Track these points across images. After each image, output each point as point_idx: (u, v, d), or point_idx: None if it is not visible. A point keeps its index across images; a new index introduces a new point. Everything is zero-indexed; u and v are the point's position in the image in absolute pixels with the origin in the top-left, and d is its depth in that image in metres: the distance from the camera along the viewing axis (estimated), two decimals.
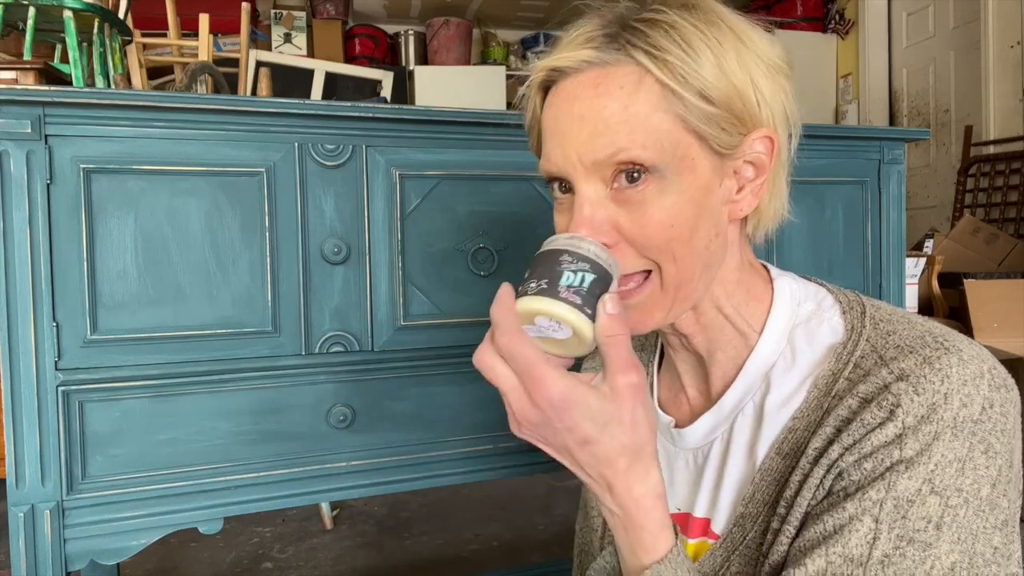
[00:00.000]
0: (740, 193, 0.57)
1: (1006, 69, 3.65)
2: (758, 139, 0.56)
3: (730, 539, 0.59)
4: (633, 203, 0.53)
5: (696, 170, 0.54)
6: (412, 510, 2.31)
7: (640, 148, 0.52)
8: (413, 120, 0.97)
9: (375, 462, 0.98)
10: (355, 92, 4.21)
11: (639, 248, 0.54)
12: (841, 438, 0.51)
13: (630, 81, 0.53)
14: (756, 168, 0.57)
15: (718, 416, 0.61)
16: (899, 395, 0.49)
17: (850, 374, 0.54)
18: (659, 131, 0.52)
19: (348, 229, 0.96)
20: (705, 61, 0.52)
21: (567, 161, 0.54)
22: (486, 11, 5.30)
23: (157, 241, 0.88)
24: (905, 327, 0.55)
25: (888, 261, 1.24)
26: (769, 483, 0.56)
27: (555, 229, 0.60)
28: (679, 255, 0.54)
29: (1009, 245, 3.20)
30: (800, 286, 0.63)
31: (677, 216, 0.54)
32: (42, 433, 0.84)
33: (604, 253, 0.51)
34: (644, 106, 0.52)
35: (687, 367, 0.66)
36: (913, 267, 2.36)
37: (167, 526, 0.90)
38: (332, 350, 0.96)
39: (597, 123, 0.52)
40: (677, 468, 0.66)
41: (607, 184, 0.54)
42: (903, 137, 1.24)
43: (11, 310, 0.83)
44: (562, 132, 0.55)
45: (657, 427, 0.53)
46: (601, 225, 0.54)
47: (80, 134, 0.85)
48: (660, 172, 0.53)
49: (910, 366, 0.51)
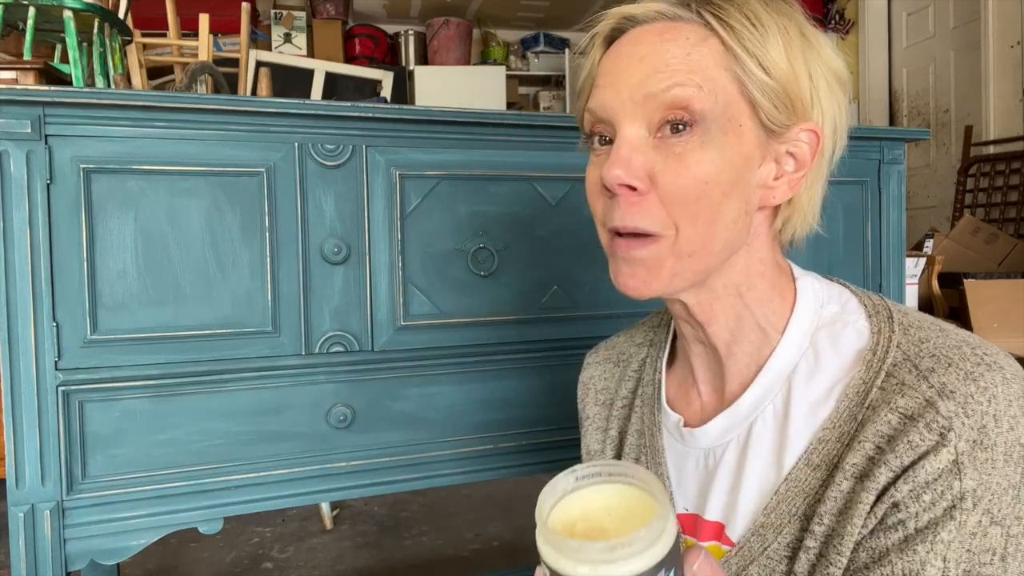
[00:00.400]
0: (777, 181, 0.57)
1: (1006, 69, 3.65)
2: (805, 131, 0.56)
3: (748, 548, 0.57)
4: (673, 152, 0.53)
5: (742, 136, 0.54)
6: (412, 510, 2.31)
7: (696, 88, 0.52)
8: (413, 120, 0.97)
9: (375, 462, 0.98)
10: (355, 92, 4.21)
11: (666, 201, 0.53)
12: (888, 460, 0.49)
13: (696, 36, 0.54)
14: (797, 161, 0.57)
15: (734, 417, 0.59)
16: (950, 418, 0.48)
17: (883, 383, 0.52)
18: (716, 82, 0.53)
19: (348, 229, 0.96)
20: (771, 40, 0.53)
21: (616, 99, 0.54)
22: (486, 11, 5.30)
23: (157, 241, 0.88)
24: (938, 335, 0.54)
25: (888, 261, 1.24)
26: (796, 494, 0.55)
27: (586, 186, 0.59)
28: (703, 218, 0.53)
29: (1009, 245, 3.21)
30: (823, 287, 0.61)
31: (714, 174, 0.53)
32: (42, 433, 0.84)
33: (655, 525, 0.37)
34: (707, 58, 0.53)
35: (701, 362, 0.64)
36: (913, 267, 2.36)
37: (167, 526, 0.90)
38: (332, 350, 0.96)
39: (657, 63, 0.53)
40: (686, 468, 0.64)
41: (651, 131, 0.54)
42: (903, 137, 1.24)
43: (11, 310, 0.83)
44: (619, 72, 0.55)
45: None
46: (637, 169, 0.53)
47: (80, 134, 0.85)
48: (707, 125, 0.53)
49: (952, 381, 0.49)
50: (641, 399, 0.71)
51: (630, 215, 0.54)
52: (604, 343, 0.80)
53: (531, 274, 1.05)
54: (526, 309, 1.05)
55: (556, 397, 1.08)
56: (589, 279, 1.08)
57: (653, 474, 0.46)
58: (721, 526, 0.60)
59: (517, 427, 1.06)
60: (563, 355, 1.08)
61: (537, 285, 1.06)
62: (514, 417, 1.06)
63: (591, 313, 1.08)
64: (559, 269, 1.06)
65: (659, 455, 0.66)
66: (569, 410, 1.09)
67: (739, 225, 0.56)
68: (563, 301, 1.07)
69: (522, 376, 1.06)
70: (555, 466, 1.09)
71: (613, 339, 0.79)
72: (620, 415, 0.73)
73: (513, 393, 1.06)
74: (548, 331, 1.06)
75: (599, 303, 1.09)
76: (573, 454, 1.09)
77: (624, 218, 0.54)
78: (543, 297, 1.06)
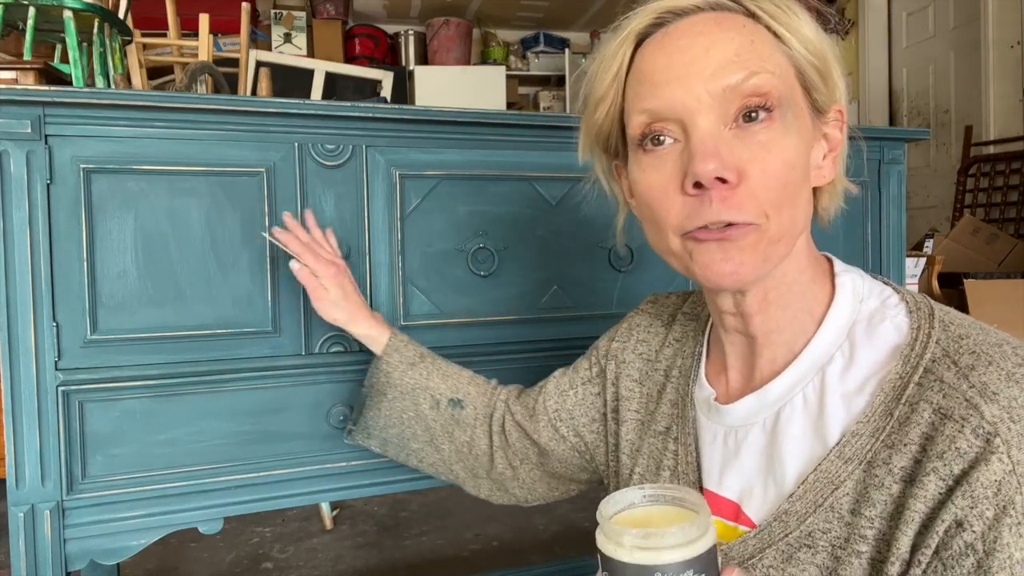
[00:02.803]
0: (824, 160, 0.59)
1: (1006, 69, 3.65)
2: (834, 111, 0.58)
3: (768, 532, 0.56)
4: (758, 140, 0.52)
5: (804, 119, 0.55)
6: (412, 510, 2.31)
7: (770, 74, 0.52)
8: (413, 120, 0.97)
9: (375, 462, 0.98)
10: (355, 92, 4.21)
11: (757, 190, 0.52)
12: (936, 467, 0.48)
13: (749, 24, 0.55)
14: (830, 141, 0.59)
15: (762, 400, 0.59)
16: (995, 423, 0.47)
17: (921, 379, 0.52)
18: (782, 67, 0.54)
19: (348, 229, 0.96)
20: (804, 21, 0.55)
21: (688, 95, 0.52)
22: (486, 11, 5.30)
23: (157, 241, 0.88)
24: (978, 332, 0.53)
25: (888, 261, 1.24)
26: (824, 485, 0.54)
27: (645, 192, 0.56)
28: (788, 203, 0.53)
29: (1009, 245, 3.21)
30: (865, 283, 0.61)
31: (798, 159, 0.53)
32: (42, 433, 0.84)
33: (691, 527, 0.43)
34: (767, 45, 0.54)
35: (735, 349, 0.64)
36: (913, 267, 2.36)
37: (167, 526, 0.90)
38: (332, 350, 0.96)
39: (727, 52, 0.52)
40: (713, 443, 0.64)
41: (726, 123, 0.53)
42: (903, 137, 1.24)
43: (11, 310, 0.83)
44: (683, 64, 0.53)
45: None
46: (728, 160, 0.51)
47: (80, 134, 0.85)
48: (783, 109, 0.53)
49: (993, 381, 0.48)
50: (680, 370, 0.71)
51: (726, 209, 0.52)
52: (661, 296, 0.80)
53: (531, 274, 1.05)
54: (526, 309, 1.05)
55: None
56: (589, 279, 1.08)
57: (703, 500, 0.48)
58: (737, 506, 0.60)
59: None
60: (563, 355, 1.08)
61: (537, 285, 1.06)
62: None
63: (591, 313, 1.08)
64: (559, 269, 1.06)
65: (688, 425, 0.67)
66: None
67: (810, 206, 0.58)
68: (563, 301, 1.07)
69: (522, 376, 1.06)
70: None
71: (670, 297, 0.79)
72: (656, 380, 0.73)
73: None
74: (548, 331, 1.06)
75: (599, 303, 1.09)
76: None
77: (721, 213, 0.52)
78: (543, 297, 1.06)
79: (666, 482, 0.67)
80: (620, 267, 1.09)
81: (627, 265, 1.10)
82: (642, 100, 0.55)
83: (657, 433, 0.70)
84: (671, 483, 0.67)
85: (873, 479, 0.52)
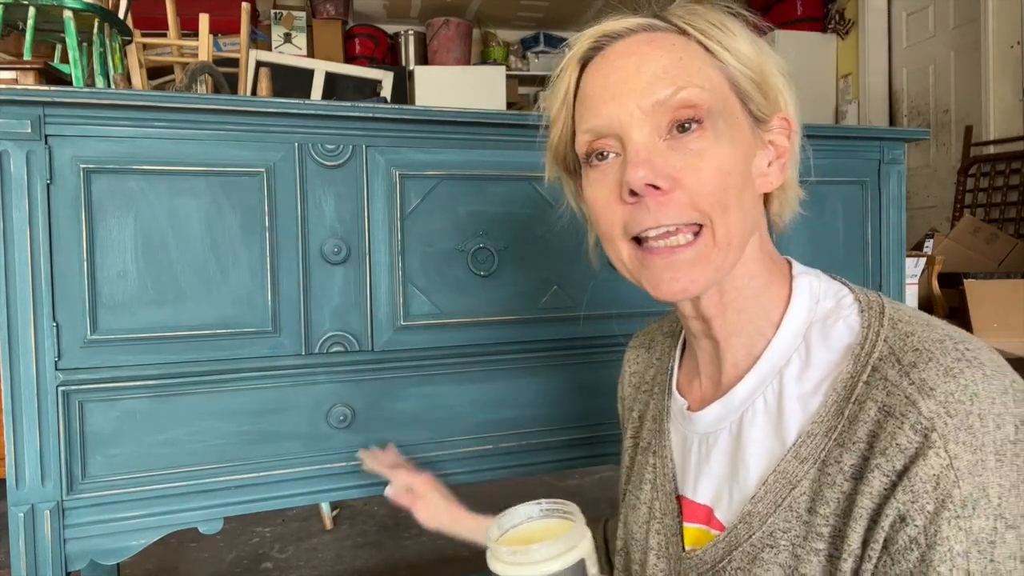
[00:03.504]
0: (769, 168, 0.60)
1: (1006, 69, 3.65)
2: (779, 120, 0.60)
3: (734, 534, 0.58)
4: (690, 150, 0.55)
5: (741, 128, 0.58)
6: None
7: (698, 88, 0.55)
8: (413, 120, 0.97)
9: None
10: (355, 92, 4.21)
11: (692, 196, 0.54)
12: (880, 463, 0.49)
13: (679, 41, 0.57)
14: (776, 149, 0.61)
15: (727, 406, 0.61)
16: (932, 418, 0.48)
17: (868, 378, 0.53)
18: (712, 80, 0.56)
19: (348, 229, 0.96)
20: (738, 36, 0.58)
21: (622, 111, 0.55)
22: (486, 11, 5.30)
23: (157, 241, 0.88)
24: (923, 328, 0.54)
25: (888, 261, 1.24)
26: (783, 486, 0.56)
27: (592, 204, 0.60)
28: (731, 206, 0.55)
29: (1009, 245, 3.21)
30: (822, 283, 0.62)
31: (733, 165, 0.55)
32: (42, 433, 0.84)
33: (561, 542, 0.50)
34: (696, 60, 0.56)
35: (704, 355, 0.65)
36: (913, 267, 2.36)
37: (167, 526, 0.90)
38: (332, 350, 0.96)
39: (656, 69, 0.55)
40: (686, 450, 0.66)
41: (661, 135, 0.55)
42: (903, 137, 1.24)
43: (11, 310, 0.83)
44: (617, 84, 0.56)
45: None
46: (659, 168, 0.54)
47: (80, 134, 0.85)
48: (714, 119, 0.55)
49: (932, 378, 0.49)
50: (659, 386, 0.74)
51: (663, 213, 0.54)
52: (643, 329, 0.83)
53: (531, 274, 1.05)
54: (526, 309, 1.05)
55: (556, 397, 1.08)
56: (589, 279, 1.08)
57: (578, 511, 0.54)
58: (709, 510, 0.62)
59: (517, 427, 1.06)
60: (563, 355, 1.08)
61: (537, 285, 1.06)
62: (514, 417, 1.06)
63: (591, 313, 1.08)
64: (559, 269, 1.06)
65: (664, 437, 0.69)
66: (569, 410, 1.09)
67: (755, 212, 0.59)
68: (563, 301, 1.07)
69: (522, 376, 1.06)
70: (555, 466, 1.09)
71: (651, 325, 0.82)
72: (642, 399, 0.76)
73: (513, 393, 1.06)
74: (548, 331, 1.06)
75: (599, 303, 1.09)
76: (573, 454, 1.09)
77: (658, 217, 0.55)
78: (543, 297, 1.06)
79: (647, 494, 0.70)
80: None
81: None
82: (585, 121, 0.59)
83: (643, 450, 0.73)
84: (649, 495, 0.70)
85: (826, 477, 0.53)
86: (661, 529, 0.67)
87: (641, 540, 0.69)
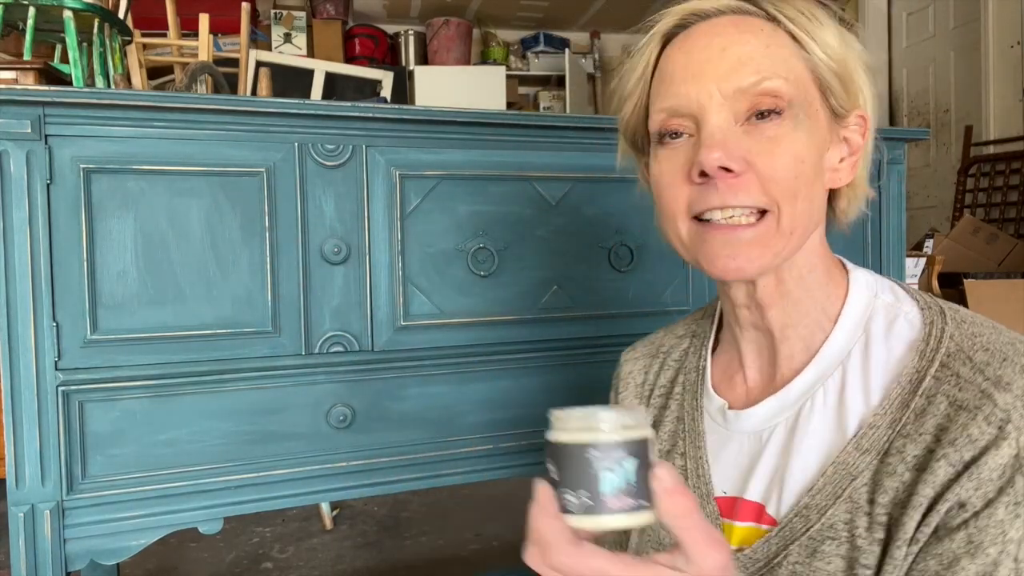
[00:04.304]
0: (841, 163, 0.60)
1: (1006, 69, 3.65)
2: (857, 116, 0.59)
3: (790, 528, 0.57)
4: (766, 135, 0.54)
5: (819, 121, 0.57)
6: (412, 510, 2.31)
7: (782, 79, 0.54)
8: (413, 120, 0.97)
9: (375, 462, 0.98)
10: (355, 92, 4.21)
11: (764, 181, 0.54)
12: (946, 452, 0.49)
13: (767, 28, 0.57)
14: (850, 146, 0.60)
15: (784, 400, 0.60)
16: (1008, 410, 0.48)
17: (937, 372, 0.53)
18: (796, 71, 0.56)
19: (348, 229, 0.96)
20: (826, 27, 0.57)
21: (702, 92, 0.55)
22: (486, 11, 5.29)
23: (157, 241, 0.88)
24: (990, 331, 0.55)
25: (888, 261, 1.24)
26: (843, 477, 0.55)
27: (657, 181, 0.59)
28: (801, 195, 0.55)
29: (1009, 245, 3.21)
30: (876, 280, 0.62)
31: (808, 154, 0.55)
32: (42, 433, 0.84)
33: (628, 416, 0.46)
34: (783, 49, 0.56)
35: (752, 347, 0.64)
36: (913, 267, 2.36)
37: (167, 526, 0.90)
38: (332, 350, 0.96)
39: (741, 54, 0.55)
40: (727, 451, 0.64)
41: (738, 120, 0.55)
42: (903, 137, 1.24)
43: (11, 310, 0.83)
44: (699, 64, 0.55)
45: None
46: (734, 150, 0.53)
47: (80, 134, 0.85)
48: (794, 110, 0.55)
49: (1007, 374, 0.50)
50: (683, 386, 0.71)
51: (731, 194, 0.54)
52: (642, 341, 0.80)
53: (531, 274, 1.05)
54: (526, 309, 1.05)
55: (556, 397, 1.08)
56: (589, 279, 1.08)
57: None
58: (760, 507, 0.61)
59: (517, 427, 1.06)
60: (563, 355, 1.08)
61: (537, 285, 1.06)
62: (514, 417, 1.06)
63: (591, 313, 1.08)
64: (559, 269, 1.06)
65: (699, 439, 0.67)
66: None
67: (823, 205, 0.59)
68: (563, 301, 1.07)
69: (522, 376, 1.06)
70: None
71: (652, 336, 0.80)
72: (656, 404, 0.74)
73: (513, 393, 1.06)
74: (548, 331, 1.06)
75: (599, 303, 1.09)
76: None
77: (726, 198, 0.54)
78: (543, 297, 1.06)
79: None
80: (620, 267, 1.09)
81: (627, 265, 1.10)
82: (662, 99, 0.58)
83: (663, 453, 0.71)
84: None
85: (887, 467, 0.53)
86: None
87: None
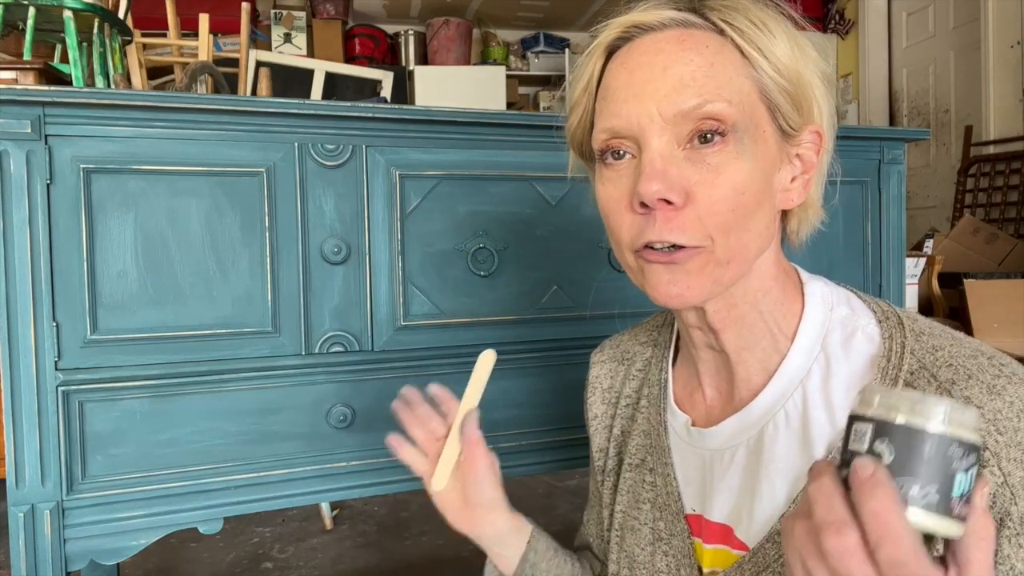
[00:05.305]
0: (793, 183, 0.57)
1: (1006, 69, 3.65)
2: (811, 132, 0.57)
3: (763, 554, 0.56)
4: (708, 163, 0.52)
5: (767, 142, 0.54)
6: (412, 510, 2.31)
7: (725, 103, 0.52)
8: (413, 120, 0.97)
9: (375, 462, 0.98)
10: (355, 92, 4.21)
11: (703, 214, 0.52)
12: None
13: (713, 43, 0.53)
14: (804, 163, 0.58)
15: (745, 420, 0.59)
16: (983, 437, 0.47)
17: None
18: (741, 92, 0.53)
19: (348, 229, 0.96)
20: (778, 40, 0.54)
21: (643, 113, 0.52)
22: (486, 11, 5.30)
23: (157, 241, 0.88)
24: (951, 343, 0.53)
25: (888, 261, 1.24)
26: None
27: (603, 205, 0.57)
28: (738, 227, 0.53)
29: (1009, 245, 3.21)
30: (831, 290, 0.61)
31: (749, 184, 0.53)
32: (42, 433, 0.84)
33: (973, 417, 0.39)
34: (728, 67, 0.53)
35: (707, 366, 0.63)
36: (913, 267, 2.36)
37: (167, 526, 0.90)
38: (332, 350, 0.96)
39: (683, 75, 0.52)
40: (693, 468, 0.63)
41: (680, 144, 0.53)
42: (903, 137, 1.24)
43: (11, 310, 0.83)
44: (640, 83, 0.53)
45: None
46: (674, 182, 0.51)
47: (80, 134, 0.85)
48: (738, 134, 0.52)
49: (976, 395, 0.48)
50: (647, 399, 0.70)
51: (668, 230, 0.52)
52: (609, 341, 0.79)
53: (531, 274, 1.05)
54: (526, 309, 1.05)
55: (556, 397, 1.08)
56: (589, 279, 1.08)
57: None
58: (728, 529, 0.59)
59: (517, 427, 1.06)
60: (563, 355, 1.08)
61: (537, 285, 1.06)
62: (514, 417, 1.06)
63: (591, 313, 1.08)
64: (559, 269, 1.06)
65: (665, 455, 0.66)
66: (569, 410, 1.09)
67: (769, 230, 0.56)
68: (563, 301, 1.07)
69: (522, 376, 1.06)
70: (555, 466, 1.09)
71: (617, 337, 0.79)
72: (624, 414, 0.73)
73: (513, 393, 1.05)
74: (548, 331, 1.06)
75: (599, 303, 1.09)
76: (573, 454, 1.09)
77: (663, 233, 0.52)
78: (543, 297, 1.06)
79: (647, 514, 0.67)
80: (620, 267, 1.09)
81: None
82: (604, 118, 0.56)
83: (633, 467, 0.70)
84: (651, 515, 0.66)
85: None
86: (669, 551, 0.64)
87: (646, 563, 0.66)
